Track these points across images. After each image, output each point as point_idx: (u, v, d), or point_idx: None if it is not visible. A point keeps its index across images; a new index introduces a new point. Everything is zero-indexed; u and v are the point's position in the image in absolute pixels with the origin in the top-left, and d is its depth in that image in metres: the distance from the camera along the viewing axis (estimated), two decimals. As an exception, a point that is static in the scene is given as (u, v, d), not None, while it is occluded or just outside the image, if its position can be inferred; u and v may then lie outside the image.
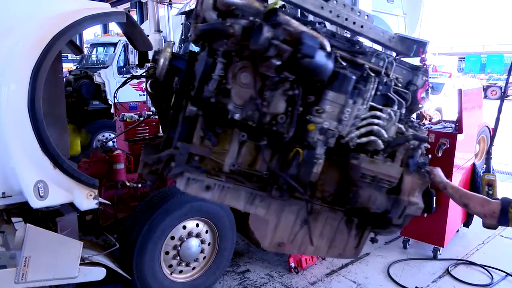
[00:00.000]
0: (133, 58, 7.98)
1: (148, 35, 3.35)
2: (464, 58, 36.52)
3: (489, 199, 2.00)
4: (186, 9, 5.99)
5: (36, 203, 2.24)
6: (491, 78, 27.75)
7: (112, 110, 7.65)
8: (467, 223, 4.47)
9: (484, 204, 1.97)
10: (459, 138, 3.81)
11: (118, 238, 3.21)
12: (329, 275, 3.69)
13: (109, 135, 7.46)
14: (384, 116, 2.05)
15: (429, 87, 2.32)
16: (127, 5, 19.26)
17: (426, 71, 2.27)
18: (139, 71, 7.01)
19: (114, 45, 8.57)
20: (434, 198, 2.34)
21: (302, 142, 1.96)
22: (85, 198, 2.38)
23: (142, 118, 5.10)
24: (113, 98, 6.58)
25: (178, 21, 6.13)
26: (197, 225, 3.21)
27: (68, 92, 7.76)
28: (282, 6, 2.10)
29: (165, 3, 5.50)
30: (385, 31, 2.28)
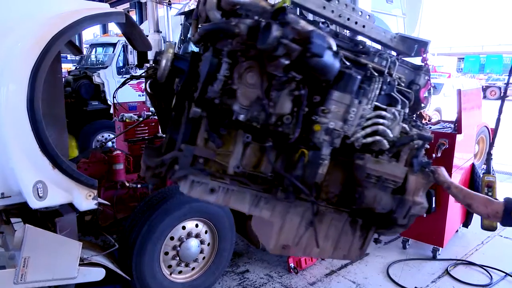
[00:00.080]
0: (133, 58, 8.01)
1: (147, 36, 3.35)
2: (463, 58, 36.60)
3: (492, 199, 2.00)
4: (186, 9, 6.00)
5: (35, 204, 2.23)
6: (490, 79, 27.80)
7: (111, 111, 7.65)
8: (466, 223, 4.47)
9: (488, 205, 1.97)
10: (458, 138, 3.80)
11: (117, 238, 3.20)
12: (328, 275, 3.69)
13: (109, 135, 7.46)
14: (389, 115, 2.03)
15: (431, 87, 2.32)
16: (127, 5, 19.23)
17: (428, 71, 2.26)
18: (139, 72, 7.01)
19: (114, 45, 8.56)
20: (434, 198, 2.34)
21: (307, 143, 1.93)
22: (84, 199, 2.38)
23: (141, 119, 5.11)
24: (112, 99, 6.59)
25: (177, 22, 6.12)
26: (197, 226, 3.21)
27: (67, 93, 7.75)
28: (291, 4, 2.08)
29: (165, 4, 5.49)
30: (386, 31, 2.28)
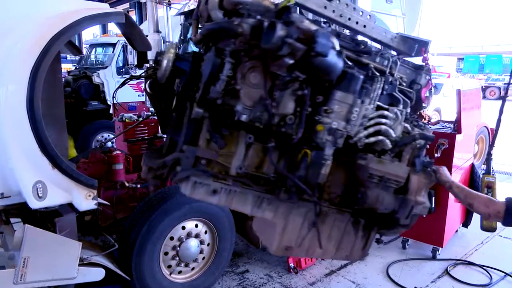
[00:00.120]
0: (132, 58, 8.00)
1: (147, 36, 3.35)
2: (463, 58, 36.63)
3: (494, 199, 1.99)
4: (185, 9, 5.99)
5: (34, 204, 2.23)
6: (490, 79, 27.84)
7: (111, 111, 7.65)
8: (466, 223, 4.47)
9: (489, 204, 1.96)
10: (458, 138, 3.81)
11: (117, 238, 3.20)
12: (328, 275, 3.69)
13: (108, 135, 7.46)
14: (391, 115, 2.03)
15: (432, 86, 2.32)
16: (126, 5, 19.22)
17: (429, 70, 2.26)
18: (138, 72, 7.02)
19: (113, 45, 8.55)
20: (433, 198, 2.34)
21: (310, 143, 1.92)
22: (84, 199, 2.37)
23: (141, 119, 5.10)
24: (112, 99, 6.60)
25: (177, 22, 6.12)
26: (196, 226, 3.21)
27: (67, 93, 7.74)
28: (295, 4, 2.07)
29: (164, 4, 5.49)
30: (387, 31, 2.27)
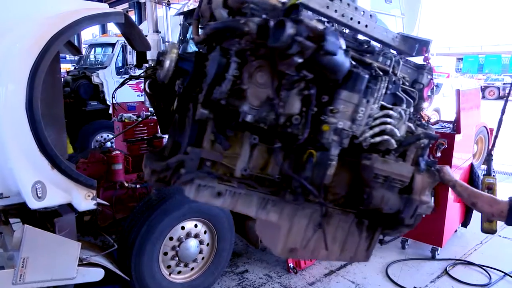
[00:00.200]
0: (132, 58, 8.00)
1: (146, 36, 3.34)
2: (462, 58, 36.65)
3: (497, 198, 1.99)
4: (185, 9, 5.98)
5: (34, 204, 2.23)
6: (489, 79, 27.85)
7: (110, 111, 7.64)
8: (465, 223, 4.47)
9: (493, 204, 1.96)
10: (457, 138, 3.81)
11: (116, 238, 3.20)
12: (327, 275, 3.69)
13: (108, 135, 7.45)
14: (396, 115, 2.03)
15: (434, 86, 2.32)
16: (126, 5, 19.20)
17: (430, 70, 2.26)
18: (138, 72, 7.01)
19: (112, 45, 8.55)
20: (433, 198, 2.34)
21: (315, 143, 1.90)
22: (83, 199, 2.37)
23: (140, 119, 5.10)
24: (111, 99, 6.60)
25: (176, 22, 6.11)
26: (196, 226, 3.21)
27: (66, 93, 7.73)
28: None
29: (164, 4, 5.48)
30: (388, 31, 2.26)
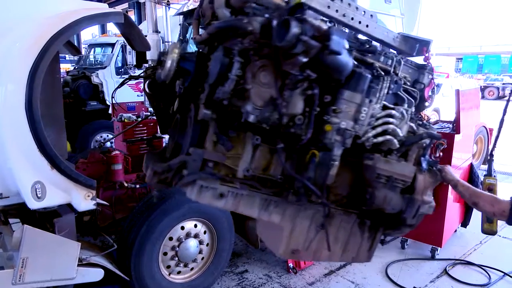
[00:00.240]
0: (131, 58, 7.99)
1: (146, 36, 3.34)
2: (462, 58, 36.67)
3: (499, 198, 1.98)
4: (184, 9, 5.98)
5: (33, 204, 2.23)
6: (489, 79, 27.88)
7: (110, 111, 7.63)
8: (464, 223, 4.48)
9: (494, 203, 1.96)
10: (456, 138, 3.82)
11: (116, 239, 3.20)
12: (327, 275, 3.69)
13: (107, 135, 7.46)
14: (398, 115, 2.02)
15: (435, 86, 2.32)
16: (125, 5, 19.22)
17: (431, 70, 2.26)
18: (137, 72, 7.01)
19: (112, 45, 8.55)
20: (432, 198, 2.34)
21: (317, 143, 1.89)
22: (83, 199, 2.37)
23: (140, 119, 5.10)
24: (111, 99, 6.60)
25: (176, 22, 6.11)
26: (195, 226, 3.21)
27: (65, 93, 7.74)
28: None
29: (163, 4, 5.48)
30: (389, 31, 2.25)
